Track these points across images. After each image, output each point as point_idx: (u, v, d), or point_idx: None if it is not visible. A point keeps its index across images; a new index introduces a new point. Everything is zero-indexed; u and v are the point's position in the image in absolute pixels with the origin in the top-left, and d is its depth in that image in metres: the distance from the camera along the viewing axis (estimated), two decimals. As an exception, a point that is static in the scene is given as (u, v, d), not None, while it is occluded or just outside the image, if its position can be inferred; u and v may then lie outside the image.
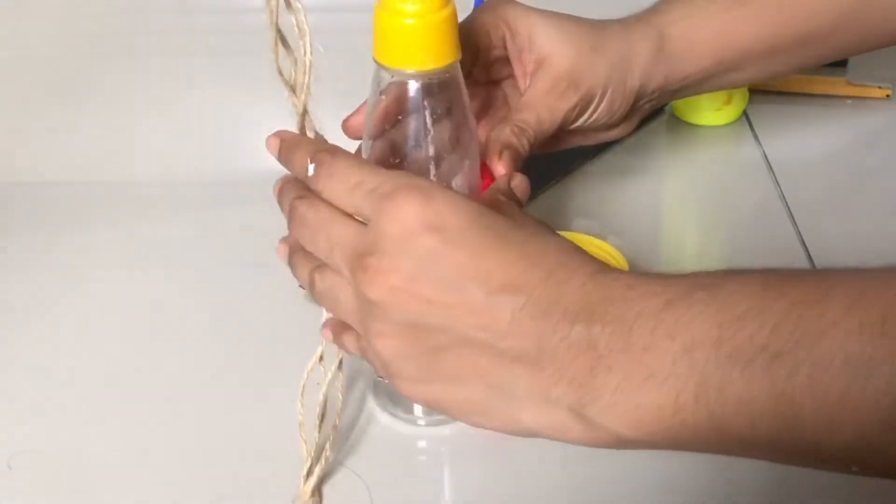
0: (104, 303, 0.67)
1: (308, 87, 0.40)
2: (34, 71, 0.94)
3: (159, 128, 0.86)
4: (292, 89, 0.40)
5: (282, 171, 0.47)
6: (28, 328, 0.65)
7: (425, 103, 0.48)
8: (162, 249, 0.72)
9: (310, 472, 0.53)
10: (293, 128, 0.47)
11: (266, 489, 0.54)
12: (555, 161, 0.79)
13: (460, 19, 0.95)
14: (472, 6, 0.96)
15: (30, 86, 0.92)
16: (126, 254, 0.72)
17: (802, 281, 0.38)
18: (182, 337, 0.64)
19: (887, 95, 0.86)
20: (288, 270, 0.49)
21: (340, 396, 0.53)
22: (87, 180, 0.79)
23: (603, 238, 0.70)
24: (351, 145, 0.52)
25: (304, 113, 0.40)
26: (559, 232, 0.54)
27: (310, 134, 0.42)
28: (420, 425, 0.58)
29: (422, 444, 0.57)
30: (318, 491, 0.53)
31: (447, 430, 0.57)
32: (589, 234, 0.71)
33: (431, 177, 0.50)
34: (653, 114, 0.85)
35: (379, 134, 0.50)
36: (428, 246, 0.40)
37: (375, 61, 0.48)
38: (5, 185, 0.79)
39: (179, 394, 0.60)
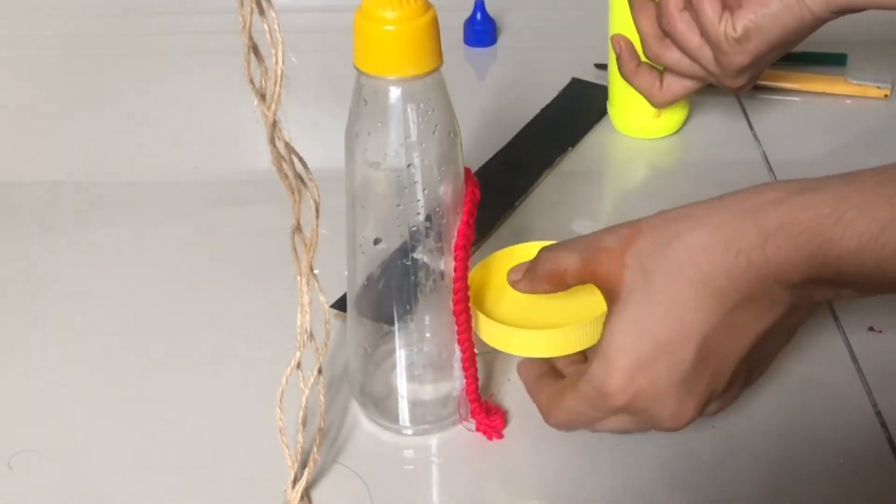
0: (103, 303, 0.67)
1: (279, 98, 0.40)
2: (34, 71, 0.95)
3: (159, 128, 0.86)
4: (262, 97, 0.40)
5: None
6: (27, 328, 0.65)
7: (407, 109, 0.48)
8: (162, 249, 0.72)
9: (297, 478, 0.53)
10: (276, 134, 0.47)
11: (267, 491, 0.54)
12: (549, 157, 0.79)
13: (459, 19, 0.96)
14: (472, 6, 0.96)
15: (30, 86, 0.93)
16: (126, 254, 0.72)
17: None
18: (181, 337, 0.64)
19: (885, 95, 0.85)
20: (287, 272, 0.49)
21: (323, 399, 0.53)
22: (87, 180, 0.80)
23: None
24: (336, 145, 0.53)
25: (274, 124, 0.40)
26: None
27: (279, 144, 0.42)
28: (407, 434, 0.57)
29: (408, 453, 0.57)
30: (307, 496, 0.54)
31: (434, 439, 0.57)
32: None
33: (414, 183, 0.50)
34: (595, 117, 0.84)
35: None
36: None
37: (356, 68, 0.48)
38: (5, 185, 0.79)
39: (178, 394, 0.60)
